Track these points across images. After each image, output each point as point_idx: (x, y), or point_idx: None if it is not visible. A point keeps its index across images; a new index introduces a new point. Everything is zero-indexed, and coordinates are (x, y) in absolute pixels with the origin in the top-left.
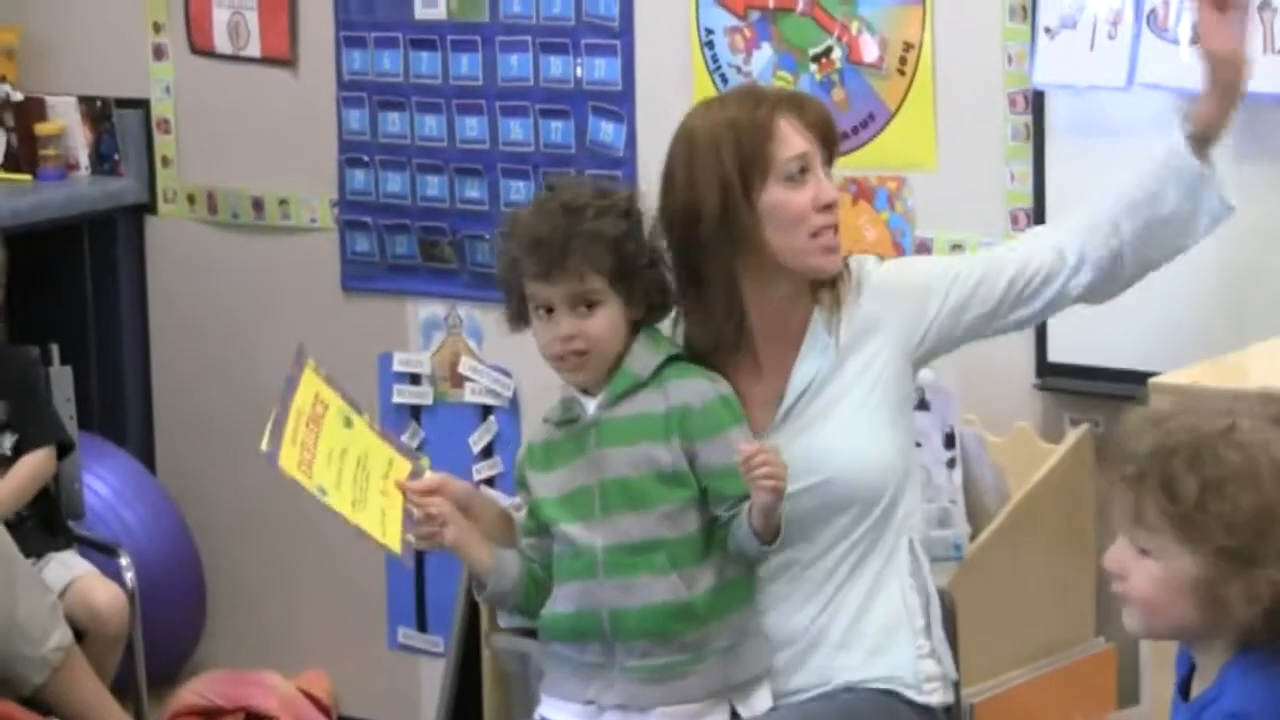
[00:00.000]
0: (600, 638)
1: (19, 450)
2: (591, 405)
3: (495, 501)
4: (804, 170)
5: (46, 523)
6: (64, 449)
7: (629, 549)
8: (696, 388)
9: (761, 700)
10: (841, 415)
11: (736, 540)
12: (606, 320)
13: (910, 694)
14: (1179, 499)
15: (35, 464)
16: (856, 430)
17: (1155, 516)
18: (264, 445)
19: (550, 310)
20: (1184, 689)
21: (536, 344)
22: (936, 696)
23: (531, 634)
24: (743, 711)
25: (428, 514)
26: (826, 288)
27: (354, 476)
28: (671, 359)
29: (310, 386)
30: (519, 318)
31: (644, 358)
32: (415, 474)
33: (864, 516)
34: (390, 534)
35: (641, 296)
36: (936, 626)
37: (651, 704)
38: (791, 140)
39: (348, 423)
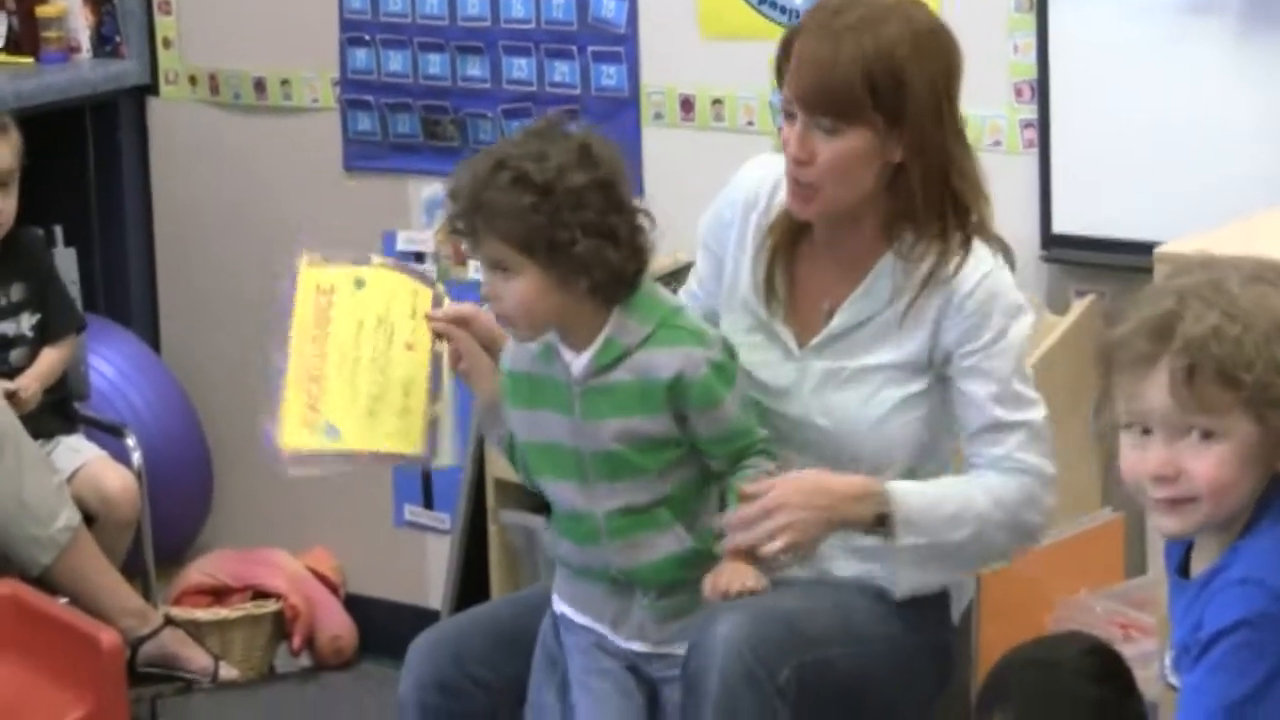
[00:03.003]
0: (612, 582)
1: (41, 330)
2: (575, 363)
3: None
4: (789, 115)
5: (57, 405)
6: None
7: (630, 512)
8: (688, 356)
9: None
10: (868, 382)
11: None
12: (520, 289)
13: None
14: (1249, 366)
15: (60, 355)
16: (876, 406)
17: (1219, 395)
18: (267, 423)
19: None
20: (1182, 569)
21: None
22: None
23: (538, 510)
24: None
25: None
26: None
27: (373, 357)
28: (663, 323)
29: (309, 284)
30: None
31: (630, 327)
32: (435, 301)
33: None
34: (412, 430)
35: (580, 272)
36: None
37: (672, 639)
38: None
39: (359, 284)
